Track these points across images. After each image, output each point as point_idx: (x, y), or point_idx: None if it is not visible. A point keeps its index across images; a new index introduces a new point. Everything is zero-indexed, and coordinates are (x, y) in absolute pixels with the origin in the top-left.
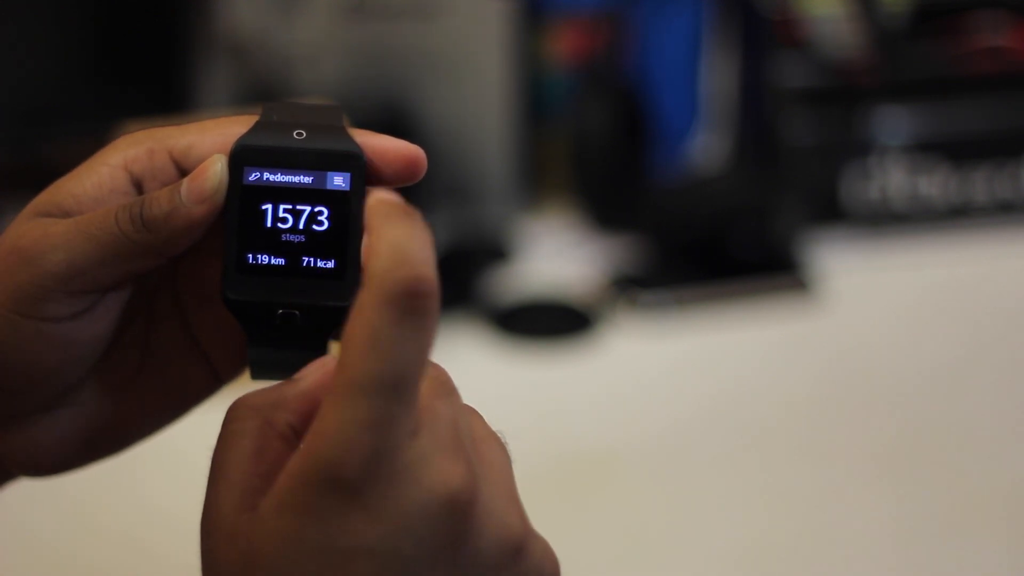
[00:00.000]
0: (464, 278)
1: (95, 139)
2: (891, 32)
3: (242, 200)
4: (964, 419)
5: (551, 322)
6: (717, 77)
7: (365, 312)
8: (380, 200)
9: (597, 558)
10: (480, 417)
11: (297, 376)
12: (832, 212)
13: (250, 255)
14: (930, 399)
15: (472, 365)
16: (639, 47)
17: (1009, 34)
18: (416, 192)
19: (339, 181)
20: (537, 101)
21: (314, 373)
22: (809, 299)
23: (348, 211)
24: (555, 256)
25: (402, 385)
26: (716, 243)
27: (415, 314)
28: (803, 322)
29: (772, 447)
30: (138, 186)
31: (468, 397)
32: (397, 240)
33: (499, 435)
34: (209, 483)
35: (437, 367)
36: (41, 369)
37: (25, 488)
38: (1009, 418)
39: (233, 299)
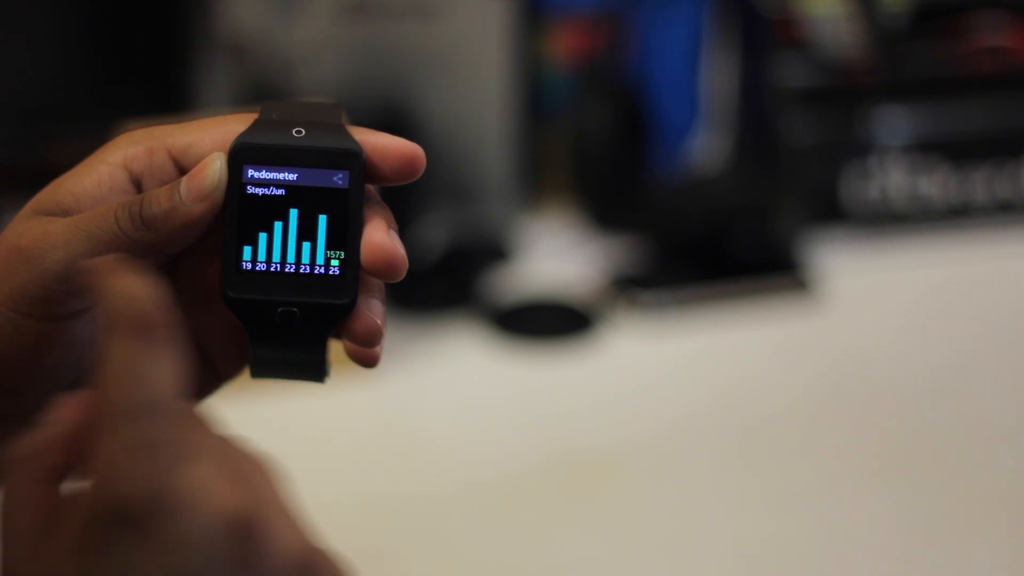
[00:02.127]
0: (464, 278)
1: (95, 139)
2: (891, 32)
3: (241, 198)
4: (964, 419)
5: (551, 322)
6: (717, 77)
7: (107, 353)
8: (97, 263)
9: (597, 558)
10: (238, 445)
11: (51, 418)
12: (832, 212)
13: (249, 253)
14: (930, 399)
15: (472, 365)
16: (639, 47)
17: (1009, 34)
18: (416, 191)
19: (338, 179)
20: (537, 101)
21: (67, 408)
22: (809, 299)
23: (347, 209)
24: (555, 256)
25: (158, 407)
26: (716, 243)
27: (152, 341)
28: (803, 322)
29: (772, 447)
30: (137, 184)
31: (468, 397)
32: (120, 286)
33: (263, 455)
34: (3, 544)
35: (188, 405)
36: (41, 368)
37: None
38: (1009, 418)
39: (233, 297)
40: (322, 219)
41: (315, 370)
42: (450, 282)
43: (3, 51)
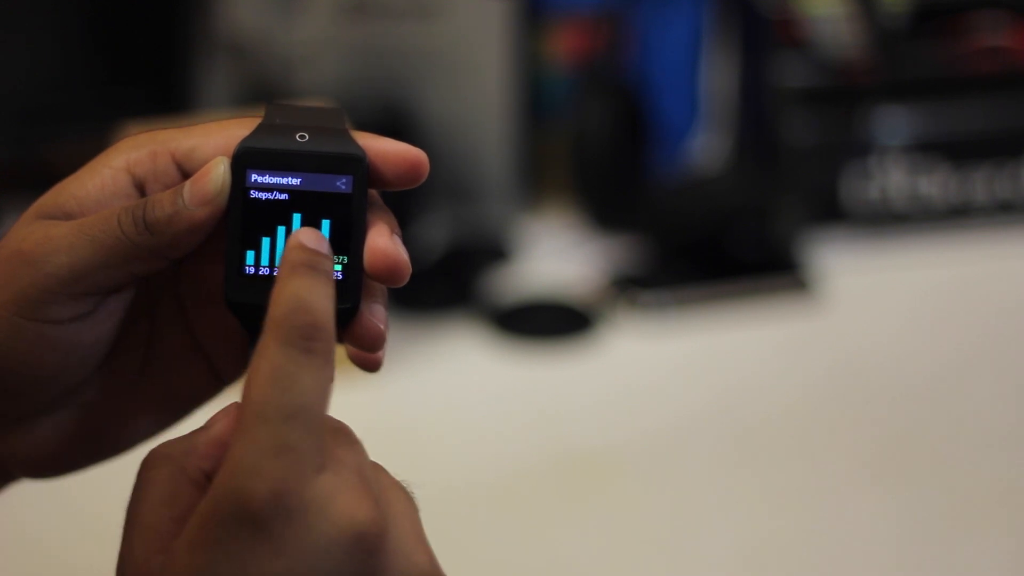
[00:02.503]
0: (464, 278)
1: (95, 139)
2: (891, 32)
3: (244, 203)
4: (964, 419)
5: (551, 322)
6: (717, 77)
7: (265, 353)
8: (293, 247)
9: (597, 558)
10: (384, 470)
11: (207, 423)
12: (832, 212)
13: (252, 257)
14: (930, 399)
15: (472, 365)
16: (639, 47)
17: (1009, 34)
18: (416, 192)
19: (342, 184)
20: (537, 101)
21: (223, 419)
22: (809, 299)
23: (350, 213)
24: (555, 256)
25: (302, 415)
26: (716, 243)
27: (312, 353)
28: (803, 322)
29: (772, 447)
30: (140, 188)
31: (468, 397)
32: (297, 291)
33: (405, 484)
34: (124, 530)
35: (340, 423)
36: (44, 371)
37: (26, 489)
38: (1009, 418)
39: (235, 301)
40: (325, 224)
41: None
42: (450, 282)
43: (3, 51)
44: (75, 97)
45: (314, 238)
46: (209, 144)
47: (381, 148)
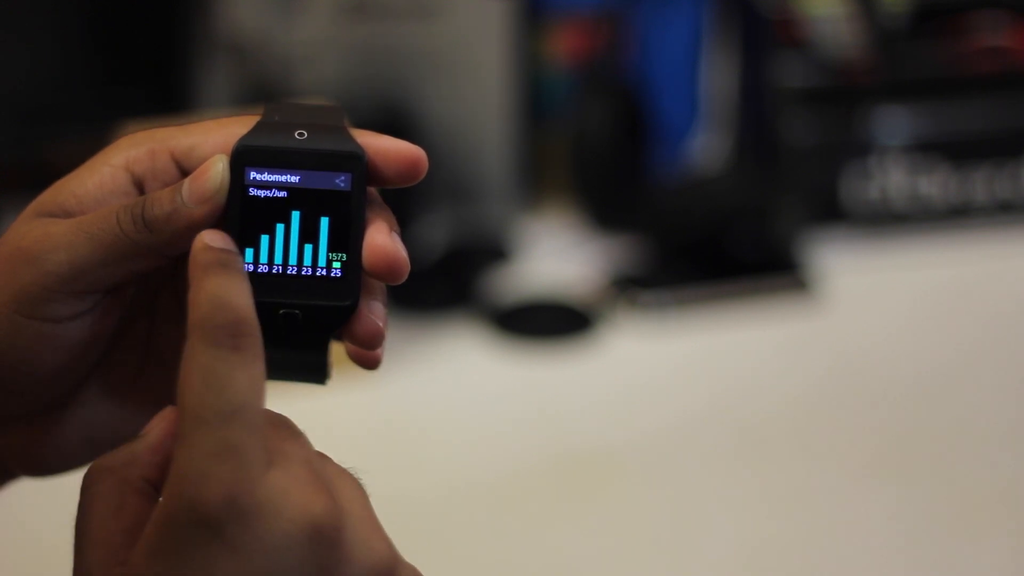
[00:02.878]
0: (464, 278)
1: (95, 139)
2: (891, 32)
3: (243, 200)
4: (964, 419)
5: (551, 322)
6: (717, 77)
7: (194, 356)
8: (200, 249)
9: (597, 558)
10: (330, 459)
11: (145, 430)
12: (832, 212)
13: (251, 255)
14: (930, 399)
15: (472, 365)
16: (639, 47)
17: (1009, 34)
18: (416, 191)
19: (340, 181)
20: (537, 101)
21: (160, 424)
22: (809, 299)
23: (349, 211)
24: (555, 256)
25: (241, 414)
26: (716, 243)
27: (240, 350)
28: (803, 322)
29: (772, 447)
30: (139, 186)
31: (468, 397)
32: (214, 289)
33: (352, 471)
34: (75, 548)
35: (280, 415)
36: (43, 369)
37: (26, 488)
38: (1009, 418)
39: None
40: (324, 221)
41: (316, 372)
42: (450, 282)
43: (3, 51)
44: (75, 97)
45: (219, 238)
46: (208, 142)
47: (380, 146)
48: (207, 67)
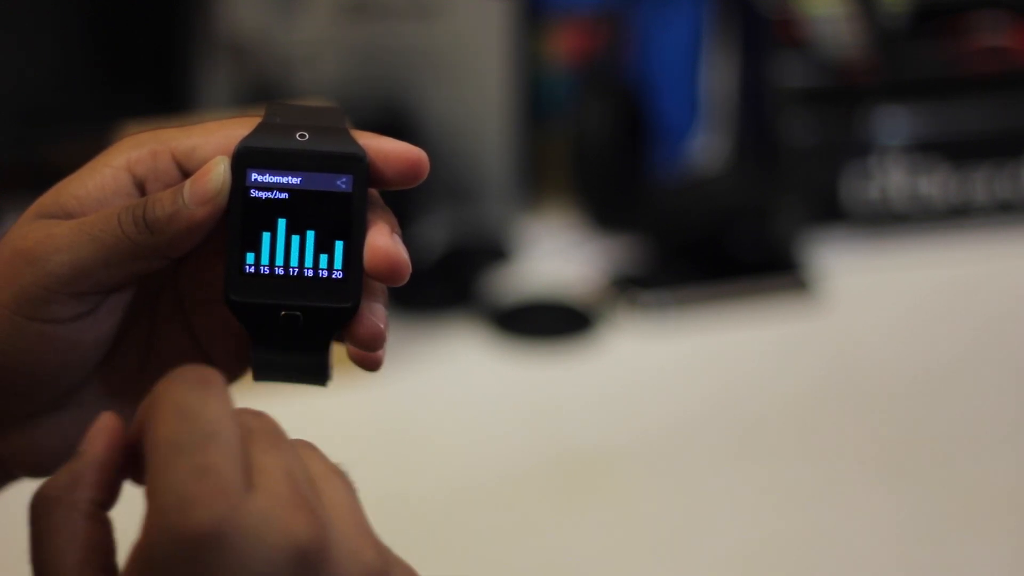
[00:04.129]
0: (464, 278)
1: (95, 139)
2: (891, 32)
3: (245, 201)
4: (964, 419)
5: (551, 322)
6: (717, 77)
7: (162, 398)
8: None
9: (597, 557)
10: (316, 452)
11: (80, 449)
12: (832, 212)
13: (252, 257)
14: (930, 399)
15: (472, 365)
16: (639, 47)
17: (1009, 34)
18: (416, 192)
19: (342, 183)
20: (537, 101)
21: (95, 439)
22: (809, 299)
23: (350, 212)
24: (555, 256)
25: (216, 438)
26: (716, 243)
27: (209, 385)
28: (803, 322)
29: (771, 447)
30: (141, 188)
31: (468, 397)
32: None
33: (339, 467)
34: None
35: (260, 417)
36: (44, 370)
37: (27, 488)
38: (1009, 418)
39: (236, 301)
40: (325, 223)
41: (317, 373)
42: (450, 282)
43: (3, 51)
44: (75, 98)
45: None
46: (209, 143)
47: (381, 147)
48: (207, 67)
